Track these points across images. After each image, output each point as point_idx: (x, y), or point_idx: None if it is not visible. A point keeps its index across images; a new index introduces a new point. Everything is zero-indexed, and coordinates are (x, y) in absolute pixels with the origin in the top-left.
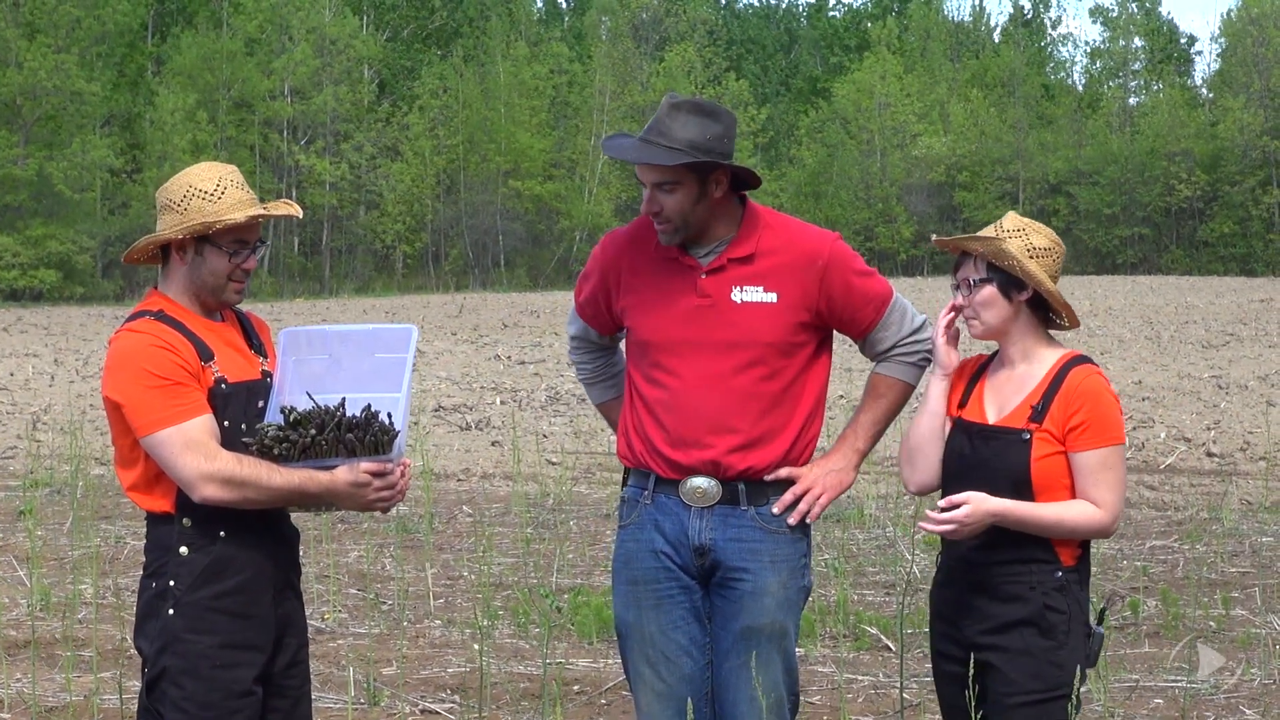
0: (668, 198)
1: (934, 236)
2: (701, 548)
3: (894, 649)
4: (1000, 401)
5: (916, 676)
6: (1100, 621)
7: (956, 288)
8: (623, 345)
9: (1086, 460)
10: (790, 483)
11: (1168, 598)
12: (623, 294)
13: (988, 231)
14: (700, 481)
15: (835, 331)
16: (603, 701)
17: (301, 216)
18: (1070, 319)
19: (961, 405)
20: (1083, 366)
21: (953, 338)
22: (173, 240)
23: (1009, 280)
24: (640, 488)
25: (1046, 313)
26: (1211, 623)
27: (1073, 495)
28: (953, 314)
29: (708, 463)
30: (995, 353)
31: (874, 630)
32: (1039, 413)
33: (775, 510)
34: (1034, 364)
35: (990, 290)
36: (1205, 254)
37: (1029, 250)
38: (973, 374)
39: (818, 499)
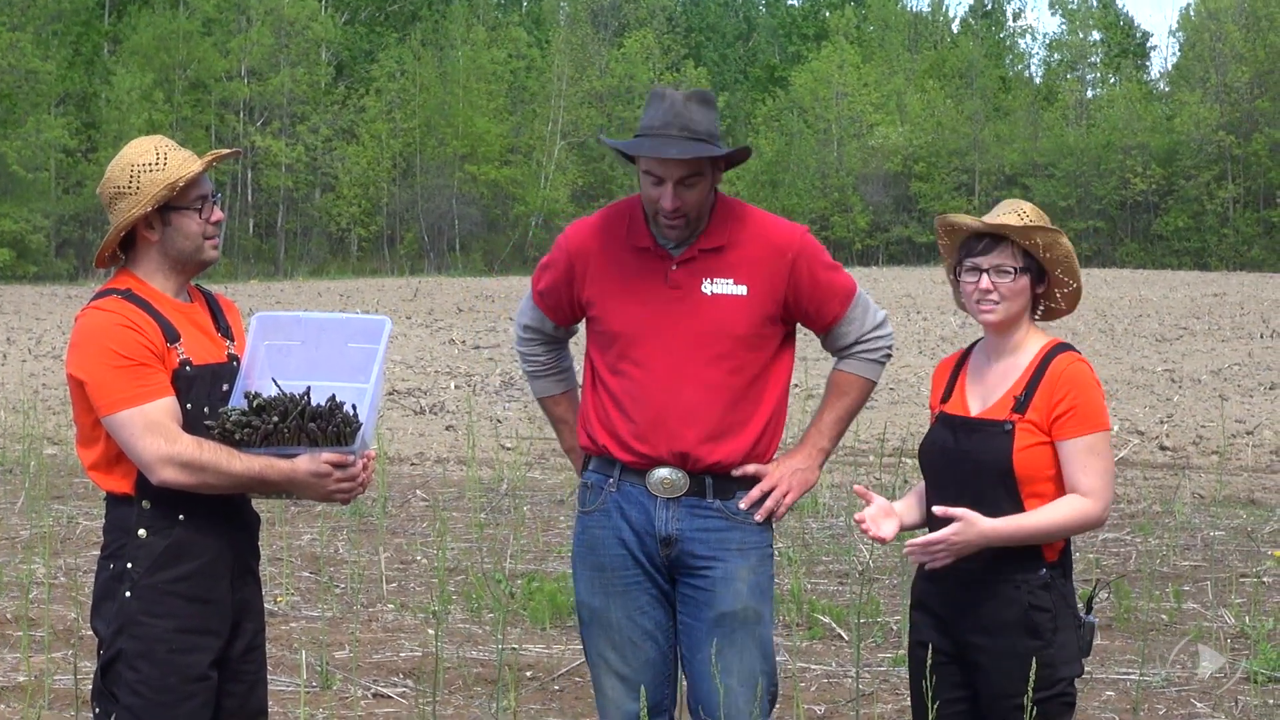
0: (689, 192)
1: (984, 219)
2: (668, 538)
3: (847, 638)
4: (984, 393)
5: (869, 666)
6: (1089, 610)
7: (982, 270)
8: (574, 340)
9: (1073, 448)
10: (756, 478)
11: (1120, 590)
12: (590, 282)
13: (1011, 219)
14: (667, 472)
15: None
16: (556, 687)
17: (241, 152)
18: (1064, 312)
19: (944, 400)
20: (1065, 354)
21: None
22: (139, 220)
23: (1040, 272)
24: (605, 475)
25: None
26: (1163, 616)
27: (1056, 487)
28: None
29: (676, 454)
30: (974, 344)
31: (827, 619)
32: (1021, 403)
33: (742, 505)
34: (1019, 354)
35: (1025, 280)
36: (1160, 248)
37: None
38: (953, 368)
39: (784, 497)
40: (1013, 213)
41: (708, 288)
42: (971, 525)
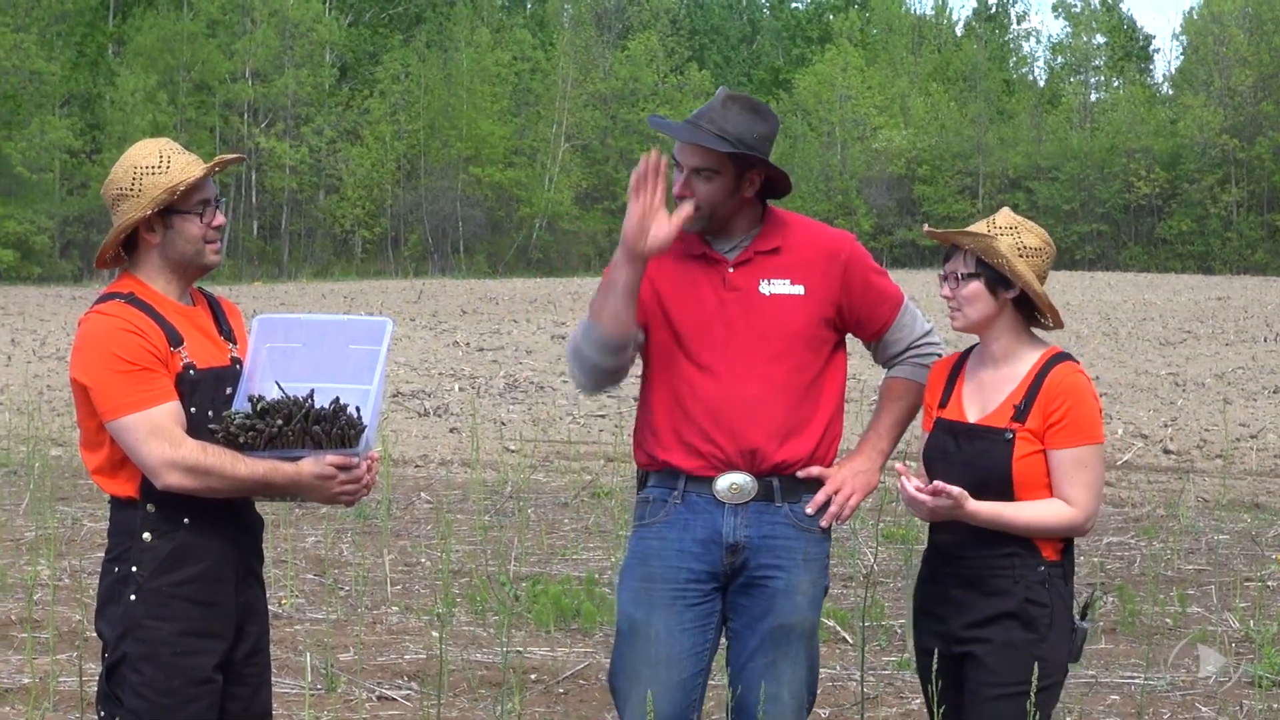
0: (704, 185)
1: (925, 227)
2: (735, 545)
3: (852, 641)
4: (982, 400)
5: (874, 669)
6: (1084, 616)
7: (944, 279)
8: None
9: (1062, 458)
10: (819, 483)
11: (1124, 594)
12: (652, 288)
13: (980, 227)
14: (736, 478)
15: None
16: (560, 690)
17: (244, 158)
18: (1055, 319)
19: (942, 405)
20: (1064, 364)
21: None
22: (140, 223)
23: (997, 277)
24: (669, 488)
25: (1031, 311)
26: (1168, 620)
27: (1051, 494)
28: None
29: (745, 453)
30: (970, 348)
31: (831, 623)
32: (1021, 412)
33: (809, 510)
34: (1016, 363)
35: (977, 285)
36: (1163, 251)
37: (1019, 249)
38: (949, 373)
39: (848, 500)
40: (985, 221)
41: (765, 288)
42: (960, 505)
